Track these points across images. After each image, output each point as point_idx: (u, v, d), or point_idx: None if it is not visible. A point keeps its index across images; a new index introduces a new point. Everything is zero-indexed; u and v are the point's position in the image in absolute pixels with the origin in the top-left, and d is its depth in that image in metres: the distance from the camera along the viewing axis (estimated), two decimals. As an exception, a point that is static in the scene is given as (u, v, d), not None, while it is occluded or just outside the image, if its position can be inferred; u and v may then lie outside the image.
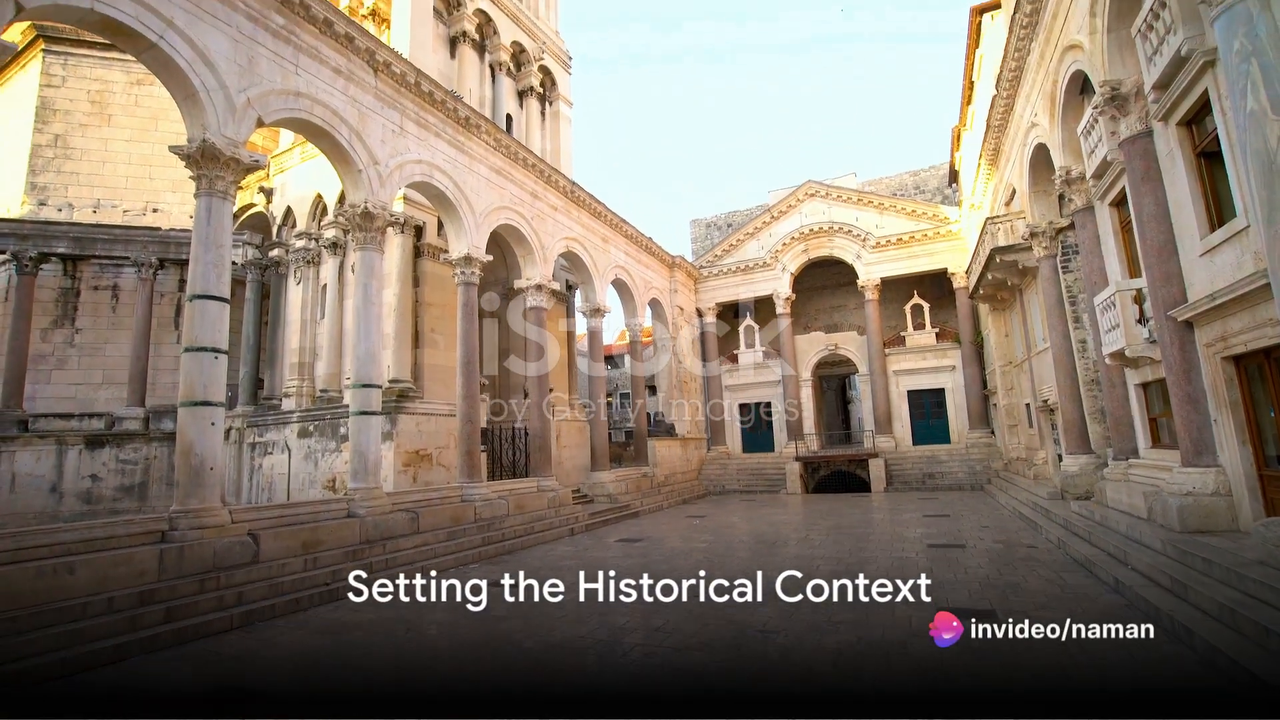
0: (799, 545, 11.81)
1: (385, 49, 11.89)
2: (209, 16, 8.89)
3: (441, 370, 15.59)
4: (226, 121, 8.91)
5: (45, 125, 20.02)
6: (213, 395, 8.46)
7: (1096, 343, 11.21)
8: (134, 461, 17.38)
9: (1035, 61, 12.27)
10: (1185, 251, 8.00)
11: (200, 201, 8.77)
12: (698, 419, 27.40)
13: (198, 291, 8.56)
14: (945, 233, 24.54)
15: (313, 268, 17.05)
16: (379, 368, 11.72)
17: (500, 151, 15.30)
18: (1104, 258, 11.12)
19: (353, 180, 11.42)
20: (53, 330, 18.31)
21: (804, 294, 28.67)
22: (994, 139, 16.52)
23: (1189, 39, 6.92)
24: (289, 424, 16.14)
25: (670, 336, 25.88)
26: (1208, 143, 7.59)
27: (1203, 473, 7.48)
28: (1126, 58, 8.70)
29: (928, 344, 25.40)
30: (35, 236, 17.65)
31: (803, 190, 27.07)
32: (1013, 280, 17.37)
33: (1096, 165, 10.15)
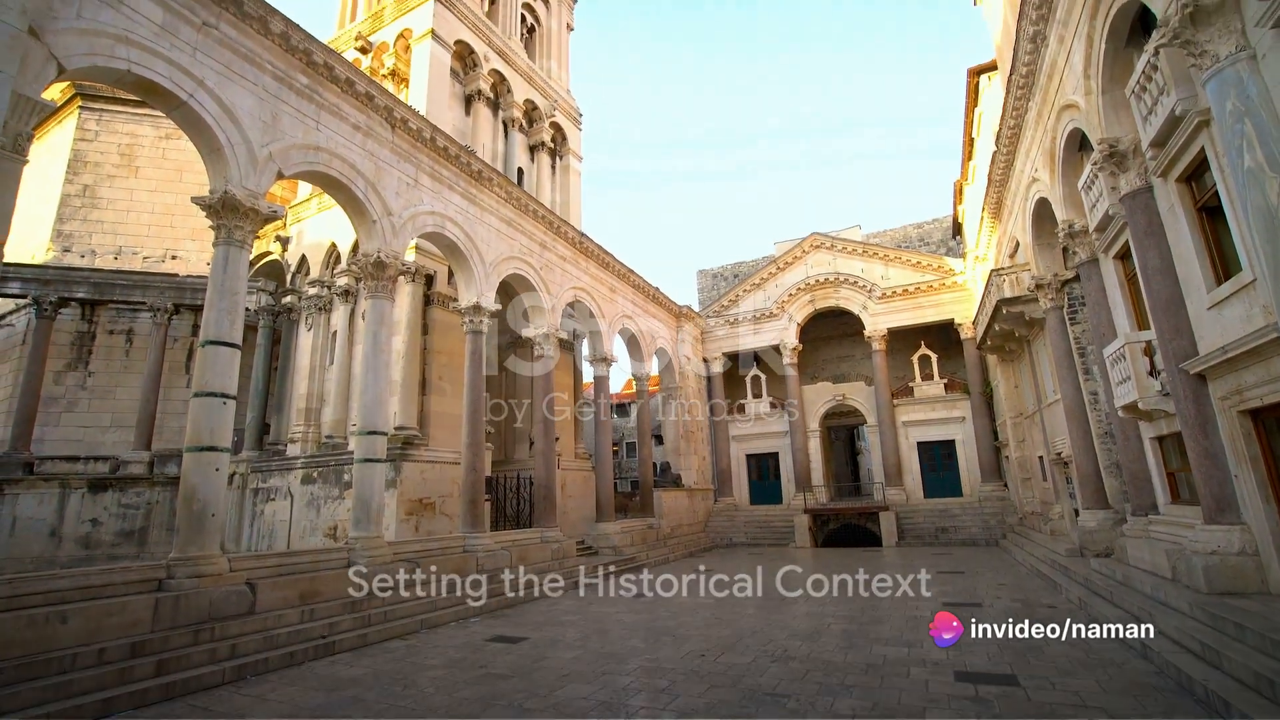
0: (808, 602, 11.43)
1: (403, 106, 12.38)
2: (238, 76, 9.33)
3: (448, 418, 15.56)
4: (248, 174, 9.21)
5: (76, 176, 20.83)
6: (219, 440, 8.45)
7: (1108, 395, 11.07)
8: (136, 506, 17.24)
9: (1033, 119, 12.58)
10: (1193, 304, 7.97)
11: (218, 250, 8.99)
12: (704, 469, 27.05)
13: (210, 337, 8.66)
14: (951, 284, 24.69)
15: (324, 314, 17.29)
16: (385, 414, 11.71)
17: (511, 203, 15.70)
18: (1111, 309, 11.11)
19: (367, 230, 11.69)
20: (66, 373, 18.55)
21: (811, 344, 28.72)
22: (996, 193, 16.80)
23: (1182, 100, 7.08)
24: (293, 470, 16.05)
25: (677, 386, 25.84)
26: (1208, 198, 7.66)
27: (1227, 531, 7.24)
28: (1122, 116, 8.88)
29: (936, 395, 25.21)
30: (57, 281, 18.08)
31: (808, 242, 27.47)
32: (1020, 331, 17.36)
33: (1099, 219, 10.26)
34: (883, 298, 25.55)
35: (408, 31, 18.49)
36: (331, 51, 10.77)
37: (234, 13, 9.24)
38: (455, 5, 18.61)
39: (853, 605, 10.92)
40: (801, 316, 27.19)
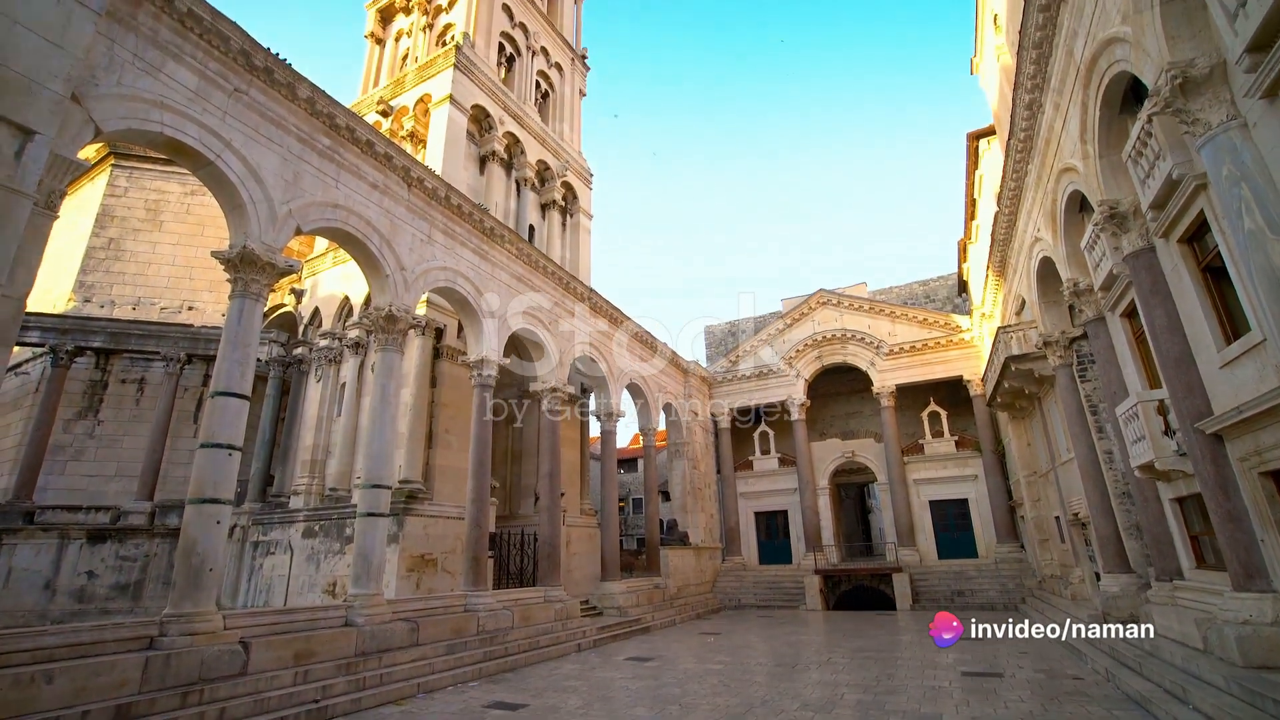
0: (821, 669, 10.94)
1: (420, 166, 12.84)
2: (263, 138, 9.75)
3: (453, 471, 15.42)
4: (267, 229, 9.49)
5: (103, 230, 21.53)
6: (222, 493, 8.38)
7: (1123, 454, 10.86)
8: (133, 558, 16.95)
9: (1033, 181, 12.87)
10: (1204, 363, 7.90)
11: (234, 303, 9.17)
12: (712, 527, 26.47)
13: (220, 388, 8.73)
14: (958, 341, 24.71)
15: (334, 366, 17.44)
16: (390, 467, 11.62)
17: (521, 260, 16.03)
18: (1121, 367, 11.03)
19: (380, 284, 11.93)
20: (75, 421, 18.63)
21: (819, 400, 28.57)
22: (999, 252, 17.02)
23: (1178, 164, 7.21)
24: (294, 523, 15.82)
25: (684, 441, 25.62)
26: (1211, 258, 7.70)
27: (1258, 599, 6.93)
28: (1120, 179, 9.04)
29: (947, 452, 24.82)
30: (75, 331, 18.41)
31: (815, 299, 27.74)
32: (1030, 389, 17.22)
33: (1103, 278, 10.33)
34: (890, 354, 25.54)
35: (427, 96, 19.38)
36: (353, 115, 11.27)
37: (264, 80, 9.75)
38: (473, 73, 19.57)
39: (867, 673, 10.44)
40: (809, 372, 27.16)
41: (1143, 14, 6.91)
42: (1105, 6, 7.90)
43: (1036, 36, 10.02)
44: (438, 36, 22.44)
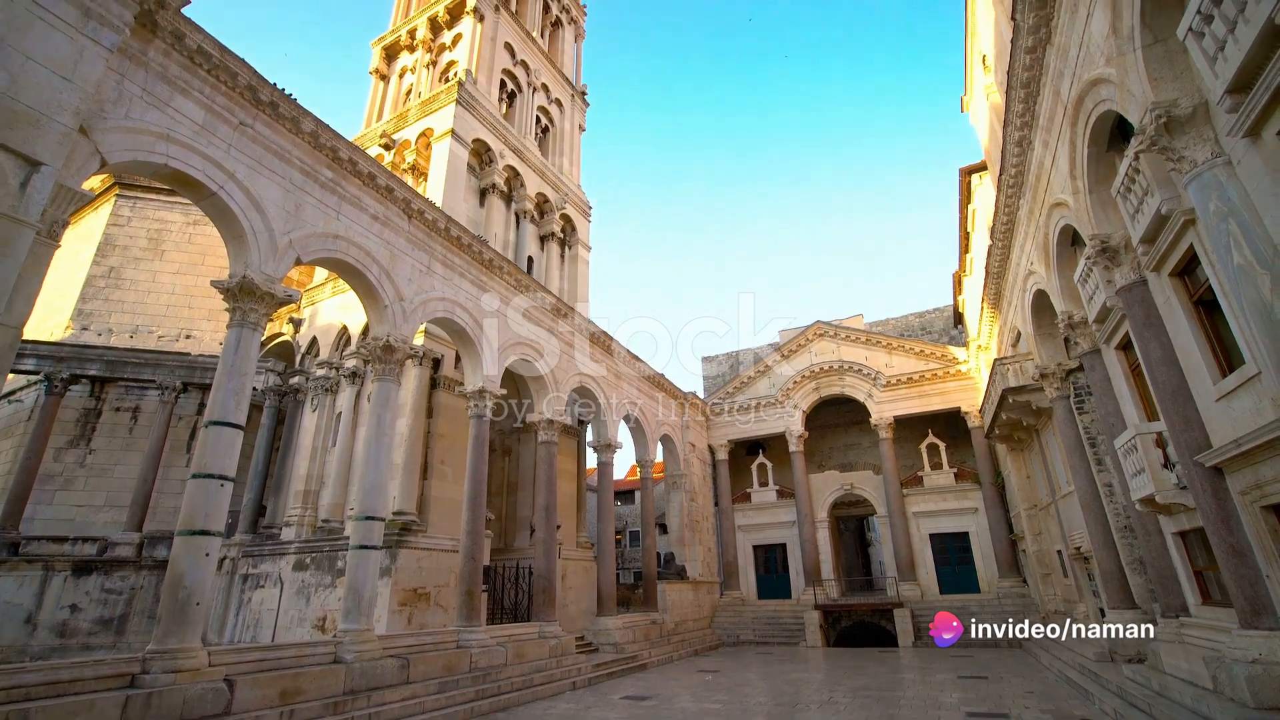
0: (822, 709, 10.65)
1: (420, 198, 13.01)
2: (267, 170, 9.89)
3: (448, 503, 15.23)
4: (268, 260, 9.55)
5: (104, 258, 21.65)
6: (212, 524, 8.25)
7: (1123, 487, 10.79)
8: (119, 591, 16.58)
9: (1025, 216, 13.06)
10: (1200, 395, 7.90)
11: (231, 332, 9.17)
12: (710, 560, 26.07)
13: (215, 418, 8.66)
14: (955, 373, 24.77)
15: (330, 396, 17.36)
16: (385, 499, 11.48)
17: (520, 291, 16.12)
18: (1118, 399, 11.03)
19: (378, 314, 11.96)
20: (67, 450, 18.43)
21: (817, 432, 28.47)
22: (994, 285, 17.19)
23: (1166, 200, 7.33)
24: (285, 555, 15.54)
25: (682, 473, 25.41)
26: (1203, 292, 7.76)
27: (1267, 636, 6.80)
28: (1110, 214, 9.19)
29: (947, 485, 24.65)
30: (71, 359, 18.35)
31: (812, 330, 27.87)
32: (1028, 420, 17.20)
33: (1097, 311, 10.40)
34: (888, 386, 25.56)
35: (429, 131, 19.75)
36: (356, 148, 11.47)
37: (270, 114, 9.94)
38: (475, 108, 19.98)
39: (870, 713, 10.16)
40: (806, 404, 27.12)
41: (1125, 56, 7.11)
42: (1089, 49, 8.13)
43: (1024, 77, 10.30)
44: (441, 73, 22.99)
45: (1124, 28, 7.05)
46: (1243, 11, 5.22)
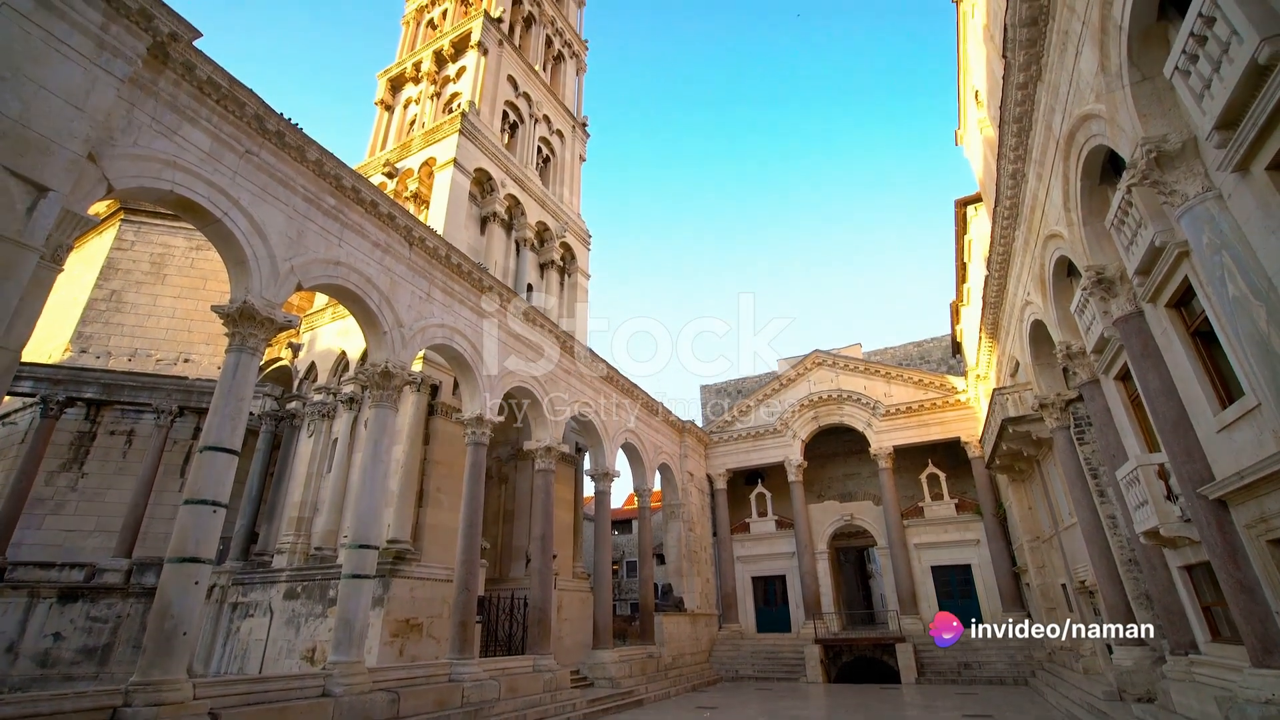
0: (824, 749, 10.34)
1: (421, 226, 13.13)
2: (270, 197, 10.00)
3: (443, 531, 15.04)
4: (269, 285, 9.60)
5: (106, 282, 21.76)
6: (203, 551, 8.11)
7: (1127, 519, 10.67)
8: (104, 619, 16.23)
9: (1021, 246, 13.18)
10: (1201, 426, 7.86)
11: (229, 356, 9.15)
12: (708, 592, 25.64)
13: (210, 443, 8.59)
14: (954, 402, 24.72)
15: (326, 421, 17.27)
16: (379, 527, 11.33)
17: (520, 318, 16.16)
18: (1118, 430, 10.98)
19: (377, 340, 11.96)
20: (59, 473, 18.24)
21: (816, 461, 28.28)
22: (991, 315, 17.27)
23: (1160, 232, 7.38)
24: (276, 583, 15.26)
25: (680, 503, 25.16)
26: (1199, 323, 7.79)
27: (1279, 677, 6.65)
28: (1105, 245, 9.24)
29: (948, 516, 24.40)
30: (68, 381, 18.29)
31: (810, 359, 27.90)
32: (1028, 451, 17.10)
33: (1095, 341, 10.42)
34: (887, 415, 25.48)
35: (432, 160, 20.05)
36: (359, 176, 11.61)
37: (275, 143, 10.09)
38: (477, 138, 20.32)
39: (873, 754, 9.86)
40: (806, 433, 27.00)
41: (1114, 93, 7.26)
42: (1079, 86, 8.30)
43: (1016, 112, 10.50)
44: (444, 104, 23.43)
45: (1112, 66, 7.21)
46: (1226, 51, 5.33)
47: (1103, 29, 7.20)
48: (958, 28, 16.84)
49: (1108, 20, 7.06)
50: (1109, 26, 7.08)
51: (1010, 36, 9.24)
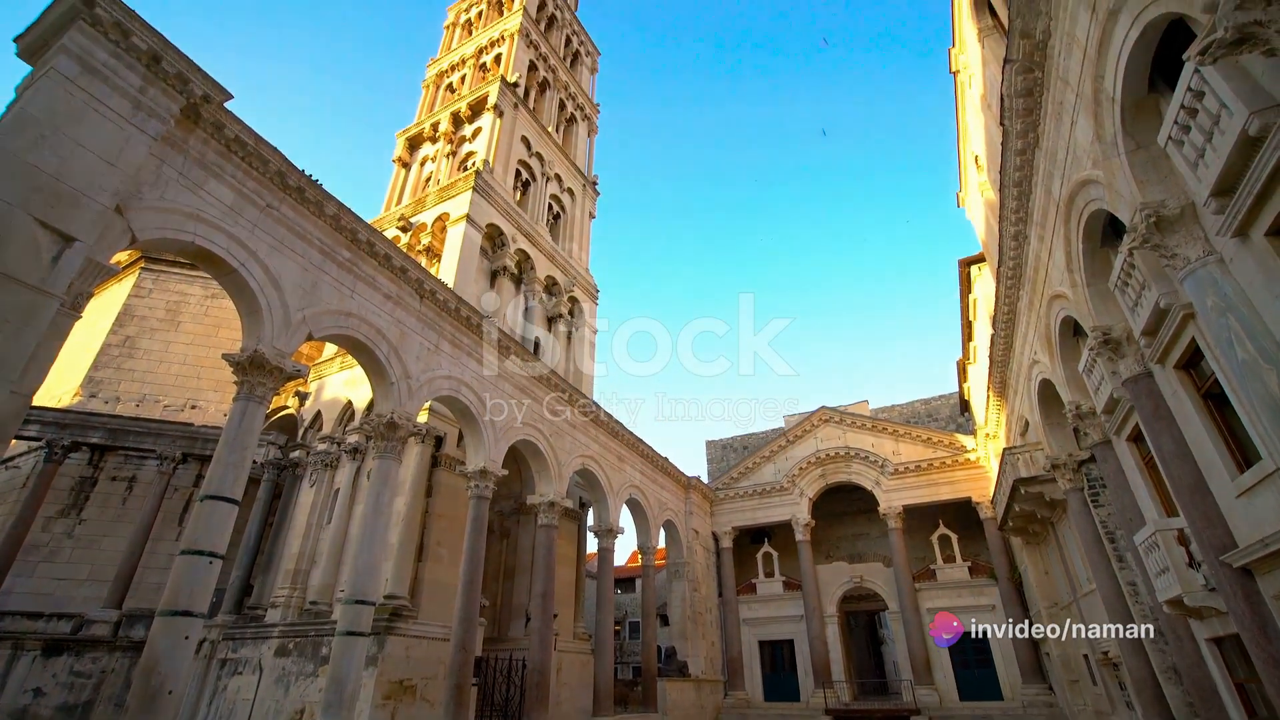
0: (837, 834, 9.68)
1: (433, 279, 13.39)
2: (287, 249, 10.27)
3: (442, 587, 14.65)
4: (280, 334, 9.73)
5: (121, 328, 22.13)
6: (195, 605, 7.93)
7: (1148, 586, 10.27)
8: (88, 675, 15.68)
9: (1025, 306, 13.25)
10: (1219, 490, 7.66)
11: (236, 404, 9.19)
12: (713, 656, 24.65)
13: (211, 492, 8.53)
14: (964, 461, 24.33)
15: (329, 471, 17.14)
16: (376, 582, 11.07)
17: (526, 372, 16.23)
18: (1134, 492, 10.72)
19: (384, 391, 12.01)
20: (57, 519, 18.03)
21: (824, 520, 27.67)
22: (998, 373, 17.20)
23: (1164, 294, 7.39)
24: (268, 639, 14.79)
25: (685, 561, 24.53)
26: (1210, 385, 7.69)
27: (1317, 760, 6.26)
28: (1110, 306, 9.24)
29: (961, 579, 23.63)
30: (75, 426, 18.32)
31: (817, 416, 27.70)
32: (1042, 513, 16.69)
33: (1105, 401, 10.31)
34: (895, 474, 25.08)
35: (445, 215, 20.63)
36: (374, 231, 11.94)
37: (296, 198, 10.45)
38: (490, 195, 20.96)
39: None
40: (813, 491, 26.54)
41: (1111, 160, 7.44)
42: (1076, 153, 8.53)
43: (1016, 176, 10.75)
44: (460, 162, 24.29)
45: (1107, 134, 7.41)
46: (1217, 123, 5.48)
47: (1096, 100, 7.44)
48: (956, 97, 17.51)
49: (1100, 92, 7.31)
50: (1101, 98, 7.32)
51: (1007, 106, 9.57)
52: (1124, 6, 6.29)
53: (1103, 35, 6.83)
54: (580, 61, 33.26)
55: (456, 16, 32.12)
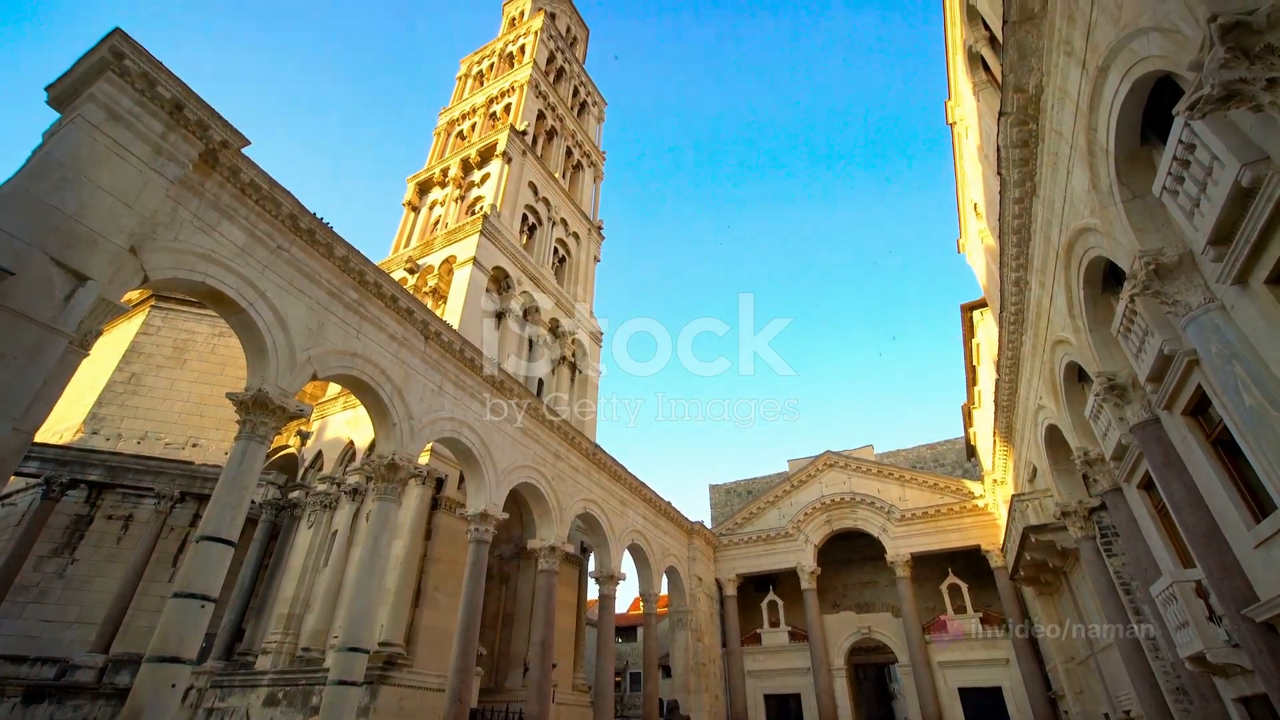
0: None
1: (438, 321, 13.51)
2: (296, 290, 10.41)
3: (438, 634, 14.26)
4: (285, 374, 9.77)
5: (127, 365, 22.25)
6: (185, 650, 7.72)
7: (1168, 641, 9.92)
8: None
9: (1029, 352, 13.22)
10: (1235, 541, 7.46)
11: (238, 444, 9.16)
12: (717, 710, 23.73)
13: (207, 532, 8.41)
14: (972, 507, 23.90)
15: (328, 512, 16.93)
16: (371, 628, 10.79)
17: (528, 413, 16.20)
18: (1147, 541, 10.47)
19: (386, 432, 11.97)
20: (49, 559, 17.73)
21: (830, 567, 27.03)
22: (1004, 418, 17.05)
23: (1167, 341, 7.33)
24: (257, 687, 14.33)
25: (687, 610, 23.89)
26: (1219, 431, 7.58)
27: (1356, 832, 5.90)
28: (1114, 352, 9.19)
29: (973, 631, 22.87)
30: (74, 463, 18.23)
31: (822, 460, 27.39)
32: (1054, 561, 16.28)
33: (1113, 447, 10.16)
34: (902, 520, 24.61)
35: (453, 258, 20.95)
36: (382, 272, 12.12)
37: (306, 240, 10.65)
38: (497, 239, 21.33)
39: None
40: (818, 537, 26.02)
41: (1108, 209, 7.53)
42: (1073, 201, 8.65)
43: (1015, 224, 10.89)
44: (468, 206, 24.83)
45: (1102, 184, 7.53)
46: (1210, 174, 5.56)
47: (1090, 151, 7.59)
48: (953, 146, 17.93)
49: (1094, 144, 7.46)
50: (1095, 149, 7.47)
51: (1003, 156, 9.77)
52: (1113, 64, 6.48)
53: (1094, 90, 7.01)
54: (588, 111, 34.36)
55: (469, 68, 33.41)
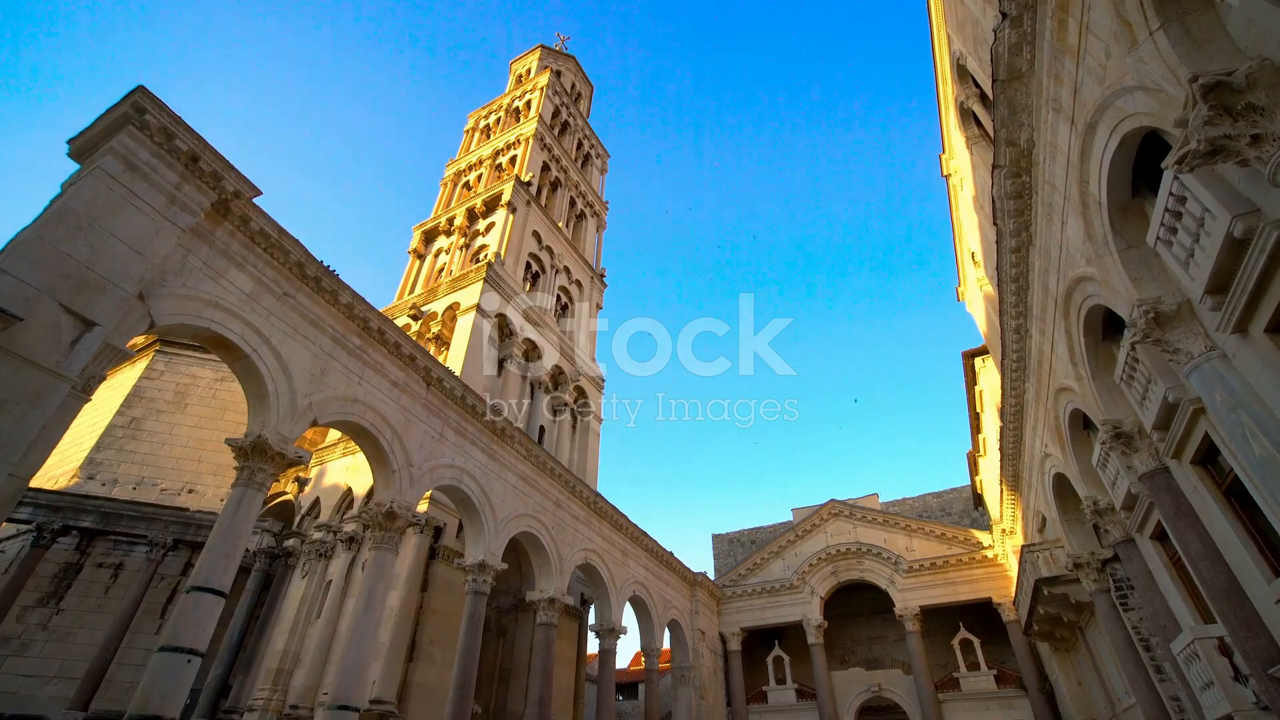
0: None
1: (440, 367, 13.53)
2: (300, 336, 10.48)
3: (432, 691, 13.73)
4: (285, 420, 9.73)
5: (128, 409, 22.18)
6: (168, 708, 7.42)
7: (1193, 702, 9.50)
8: (42, 789, 14.44)
9: (1033, 399, 13.14)
10: (1256, 596, 7.22)
11: (234, 491, 9.05)
12: (722, 775, 22.57)
13: (199, 583, 8.22)
14: (981, 558, 23.31)
15: (323, 561, 16.54)
16: (363, 684, 10.40)
17: (529, 461, 16.04)
18: (1164, 595, 10.15)
19: (385, 479, 11.83)
20: (34, 609, 17.24)
21: (837, 621, 26.22)
22: (1010, 466, 16.83)
23: (1170, 388, 7.28)
24: (239, 750, 13.71)
25: (690, 665, 23.05)
26: (1230, 481, 7.45)
27: None
28: (1118, 399, 9.10)
29: (987, 689, 21.98)
30: (67, 509, 17.93)
31: (826, 509, 26.92)
32: (1068, 615, 15.77)
33: (1123, 497, 9.99)
34: (910, 571, 23.99)
35: (456, 305, 21.17)
36: (386, 319, 12.23)
37: (312, 286, 10.79)
38: (500, 286, 21.60)
39: None
40: (824, 589, 25.32)
41: (1104, 259, 7.60)
42: (1069, 251, 8.75)
43: (1012, 273, 11.00)
44: (473, 254, 25.25)
45: (1097, 235, 7.62)
46: (1202, 225, 5.62)
47: (1083, 203, 7.73)
48: (949, 197, 18.33)
49: (1087, 195, 7.61)
50: (1089, 201, 7.61)
51: (999, 207, 9.95)
52: (1100, 120, 6.67)
53: (1083, 145, 7.19)
54: (591, 163, 35.36)
55: (476, 122, 34.58)
